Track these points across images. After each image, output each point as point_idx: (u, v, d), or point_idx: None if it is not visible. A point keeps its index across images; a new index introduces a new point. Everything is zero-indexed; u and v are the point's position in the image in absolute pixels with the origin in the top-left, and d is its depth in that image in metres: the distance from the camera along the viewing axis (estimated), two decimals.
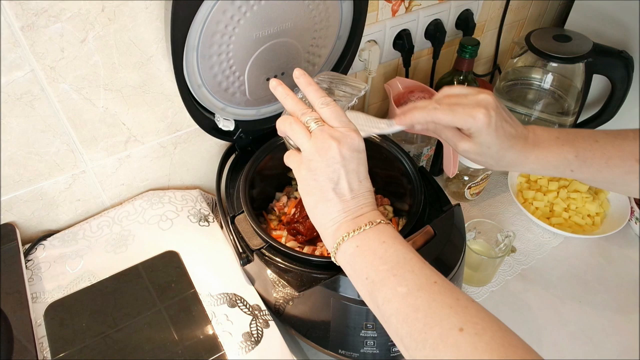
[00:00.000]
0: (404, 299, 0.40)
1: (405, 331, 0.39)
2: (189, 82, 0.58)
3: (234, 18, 0.55)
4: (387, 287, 0.41)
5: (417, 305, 0.39)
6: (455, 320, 0.37)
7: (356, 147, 0.46)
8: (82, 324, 0.57)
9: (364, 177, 0.47)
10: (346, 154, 0.45)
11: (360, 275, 0.44)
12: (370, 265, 0.43)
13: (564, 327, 0.72)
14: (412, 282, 0.41)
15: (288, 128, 0.48)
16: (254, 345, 0.56)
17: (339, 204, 0.46)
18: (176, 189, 0.76)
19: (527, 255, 0.82)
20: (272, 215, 0.75)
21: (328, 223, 0.47)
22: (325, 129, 0.46)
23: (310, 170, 0.46)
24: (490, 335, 0.36)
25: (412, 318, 0.39)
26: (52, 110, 0.58)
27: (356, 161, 0.46)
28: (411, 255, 0.43)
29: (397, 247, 0.44)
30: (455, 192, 0.89)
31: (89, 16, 0.53)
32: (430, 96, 0.80)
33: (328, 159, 0.45)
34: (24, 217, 0.67)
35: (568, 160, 0.52)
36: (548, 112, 0.89)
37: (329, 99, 0.48)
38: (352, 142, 0.46)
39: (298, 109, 0.48)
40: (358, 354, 0.56)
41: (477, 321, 0.37)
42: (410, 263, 0.42)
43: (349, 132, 0.46)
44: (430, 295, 0.39)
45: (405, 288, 0.40)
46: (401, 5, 0.81)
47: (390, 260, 0.43)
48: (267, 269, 0.57)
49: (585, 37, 0.82)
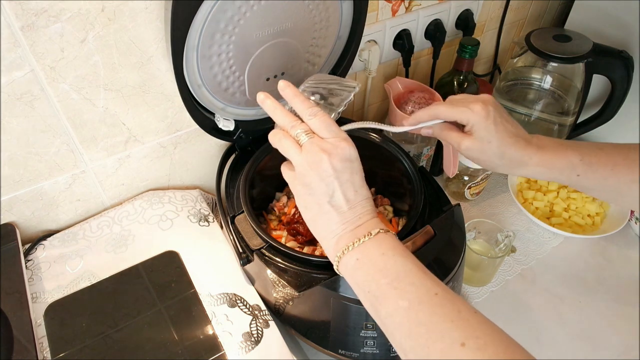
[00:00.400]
0: (406, 313, 0.40)
1: (408, 345, 0.40)
2: (189, 82, 0.58)
3: (234, 18, 0.55)
4: (388, 301, 0.41)
5: (419, 319, 0.39)
6: (457, 335, 0.37)
7: (348, 156, 0.46)
8: (82, 324, 0.57)
9: (360, 186, 0.47)
10: (338, 165, 0.45)
11: (363, 288, 0.44)
12: (371, 279, 0.43)
13: (564, 327, 0.72)
14: (413, 295, 0.41)
15: (278, 143, 0.48)
16: (254, 345, 0.56)
17: (336, 216, 0.46)
18: (176, 189, 0.76)
19: (527, 255, 0.82)
20: (272, 215, 0.75)
21: (328, 236, 0.47)
22: (315, 141, 0.46)
23: (304, 185, 0.46)
24: (493, 350, 0.36)
25: (414, 333, 0.39)
26: (52, 110, 0.58)
27: (349, 171, 0.46)
28: (411, 266, 0.43)
29: (396, 259, 0.43)
30: (455, 192, 0.89)
31: (89, 16, 0.53)
32: (430, 96, 0.80)
33: (320, 172, 0.45)
34: (24, 217, 0.67)
35: (573, 164, 0.52)
36: (548, 112, 0.89)
37: (316, 109, 0.47)
38: (343, 152, 0.45)
39: (287, 122, 0.48)
40: (358, 354, 0.56)
41: (479, 335, 0.37)
42: (410, 275, 0.42)
43: (339, 142, 0.46)
44: (431, 309, 0.39)
45: (406, 302, 0.40)
46: (401, 5, 0.81)
47: (391, 273, 0.42)
48: (267, 269, 0.57)
49: (585, 37, 0.82)
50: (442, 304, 0.40)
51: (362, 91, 0.91)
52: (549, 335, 0.71)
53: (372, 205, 0.48)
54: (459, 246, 0.59)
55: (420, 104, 0.79)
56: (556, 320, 0.73)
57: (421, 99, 0.80)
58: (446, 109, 0.53)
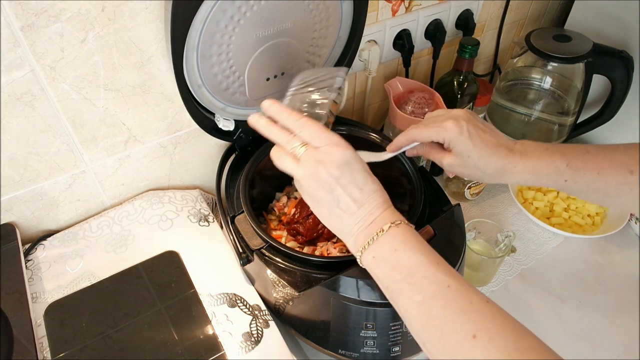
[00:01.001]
0: (421, 307, 0.42)
1: (426, 337, 0.42)
2: (189, 82, 0.58)
3: (234, 18, 0.55)
4: (404, 297, 0.43)
5: (433, 313, 0.41)
6: (469, 327, 0.39)
7: (343, 161, 0.46)
8: (82, 324, 0.57)
9: (364, 182, 0.47)
10: (335, 172, 0.45)
11: (382, 284, 0.46)
12: (387, 275, 0.45)
13: (564, 327, 0.72)
14: (426, 289, 0.42)
15: (278, 162, 0.49)
16: (254, 345, 0.56)
17: (348, 218, 0.47)
18: (176, 189, 0.76)
19: (527, 255, 0.82)
20: (272, 215, 0.75)
21: (346, 236, 0.48)
22: (310, 153, 0.46)
23: (311, 197, 0.48)
24: (504, 339, 0.38)
25: (430, 325, 0.41)
26: (52, 110, 0.58)
27: (348, 173, 0.46)
28: (423, 259, 0.44)
29: (408, 254, 0.44)
30: (455, 192, 0.89)
31: (89, 16, 0.53)
32: (430, 96, 0.80)
33: (321, 183, 0.46)
34: (24, 217, 0.67)
35: (560, 170, 0.52)
36: (548, 112, 0.89)
37: (304, 120, 0.48)
38: (337, 158, 0.46)
39: (281, 139, 0.49)
40: (358, 354, 0.56)
41: (490, 326, 0.39)
42: (422, 269, 0.43)
43: (331, 148, 0.46)
44: (444, 302, 0.41)
45: (420, 296, 0.42)
46: (401, 5, 0.81)
47: (404, 269, 0.44)
48: (267, 269, 0.57)
49: (585, 37, 0.82)
50: (454, 297, 0.41)
51: (362, 91, 0.91)
52: (549, 335, 0.71)
53: (383, 195, 0.48)
54: (459, 246, 0.59)
55: (420, 104, 0.79)
56: (556, 320, 0.73)
57: (421, 99, 0.80)
58: (420, 131, 0.55)
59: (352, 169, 0.47)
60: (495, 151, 0.52)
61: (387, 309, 0.53)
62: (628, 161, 0.51)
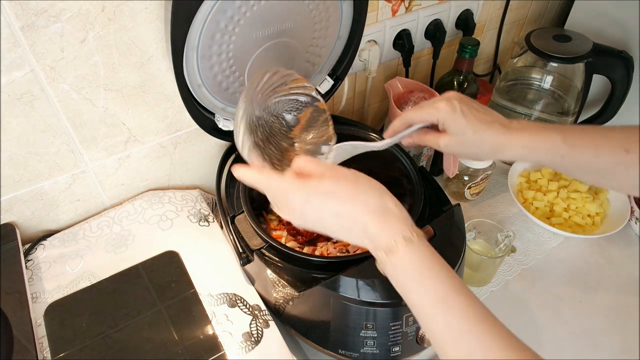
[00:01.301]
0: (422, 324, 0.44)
1: (434, 345, 0.44)
2: (189, 82, 0.58)
3: (234, 18, 0.55)
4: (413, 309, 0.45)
5: (432, 330, 0.43)
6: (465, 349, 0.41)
7: (321, 192, 0.45)
8: (82, 324, 0.57)
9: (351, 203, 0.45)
10: (318, 206, 0.45)
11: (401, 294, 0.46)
12: (400, 291, 0.45)
13: (564, 327, 0.72)
14: (419, 316, 0.44)
15: (279, 212, 0.49)
16: (254, 345, 0.56)
17: (362, 244, 0.46)
18: (176, 189, 0.76)
19: (527, 255, 0.82)
20: (272, 215, 0.75)
21: (368, 253, 0.48)
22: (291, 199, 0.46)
23: (319, 229, 0.47)
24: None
25: (433, 339, 0.43)
26: (52, 110, 0.58)
27: (330, 201, 0.45)
28: (413, 286, 0.44)
29: (405, 282, 0.44)
30: (455, 192, 0.89)
31: (89, 16, 0.53)
32: (430, 96, 0.80)
33: (313, 221, 0.46)
34: (24, 217, 0.67)
35: (556, 145, 0.52)
36: (548, 112, 0.89)
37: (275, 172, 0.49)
38: (315, 190, 0.45)
39: (272, 187, 0.49)
40: (358, 354, 0.56)
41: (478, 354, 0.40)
42: (412, 296, 0.44)
43: (302, 185, 0.45)
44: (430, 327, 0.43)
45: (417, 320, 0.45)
46: (401, 5, 0.81)
47: (404, 294, 0.45)
48: (267, 269, 0.57)
49: (585, 37, 0.82)
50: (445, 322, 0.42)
51: (362, 91, 0.91)
52: (549, 335, 0.71)
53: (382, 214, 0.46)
54: (459, 246, 0.59)
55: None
56: (556, 320, 0.73)
57: (421, 99, 0.80)
58: (415, 113, 0.56)
59: (332, 195, 0.46)
60: (490, 126, 0.53)
61: (387, 309, 0.53)
62: (624, 140, 0.51)
